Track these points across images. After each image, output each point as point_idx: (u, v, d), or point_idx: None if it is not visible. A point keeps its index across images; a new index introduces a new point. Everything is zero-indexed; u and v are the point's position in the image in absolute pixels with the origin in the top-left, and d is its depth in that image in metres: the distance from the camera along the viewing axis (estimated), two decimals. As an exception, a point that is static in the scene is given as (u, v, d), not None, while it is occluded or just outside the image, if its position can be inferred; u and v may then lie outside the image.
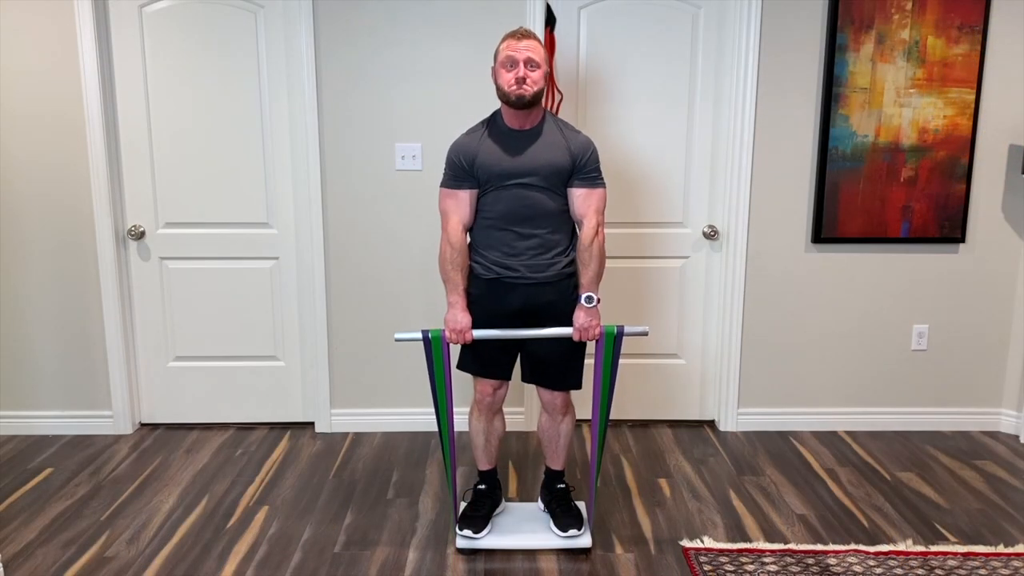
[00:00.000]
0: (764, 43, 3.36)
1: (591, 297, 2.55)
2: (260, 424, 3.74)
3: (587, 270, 2.58)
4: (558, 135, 2.58)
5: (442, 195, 2.62)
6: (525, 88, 2.47)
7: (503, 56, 2.51)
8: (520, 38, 2.51)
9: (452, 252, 2.57)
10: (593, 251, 2.56)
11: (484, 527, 2.72)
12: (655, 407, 3.75)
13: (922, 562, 2.60)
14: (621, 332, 2.55)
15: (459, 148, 2.59)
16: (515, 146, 2.56)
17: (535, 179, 2.54)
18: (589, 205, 2.58)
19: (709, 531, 2.82)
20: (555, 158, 2.55)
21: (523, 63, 2.48)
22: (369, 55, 3.37)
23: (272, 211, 3.54)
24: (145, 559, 2.64)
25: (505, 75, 2.49)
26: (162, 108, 3.43)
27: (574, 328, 2.56)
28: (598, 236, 2.57)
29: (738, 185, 3.47)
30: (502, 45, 2.53)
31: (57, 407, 3.63)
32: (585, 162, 2.56)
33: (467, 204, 2.59)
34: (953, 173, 3.46)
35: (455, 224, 2.59)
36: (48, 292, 3.52)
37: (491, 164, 2.55)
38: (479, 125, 2.64)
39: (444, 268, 2.59)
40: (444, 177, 2.62)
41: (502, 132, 2.58)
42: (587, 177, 2.58)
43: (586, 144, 2.58)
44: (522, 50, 2.48)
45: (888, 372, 3.67)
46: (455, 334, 2.57)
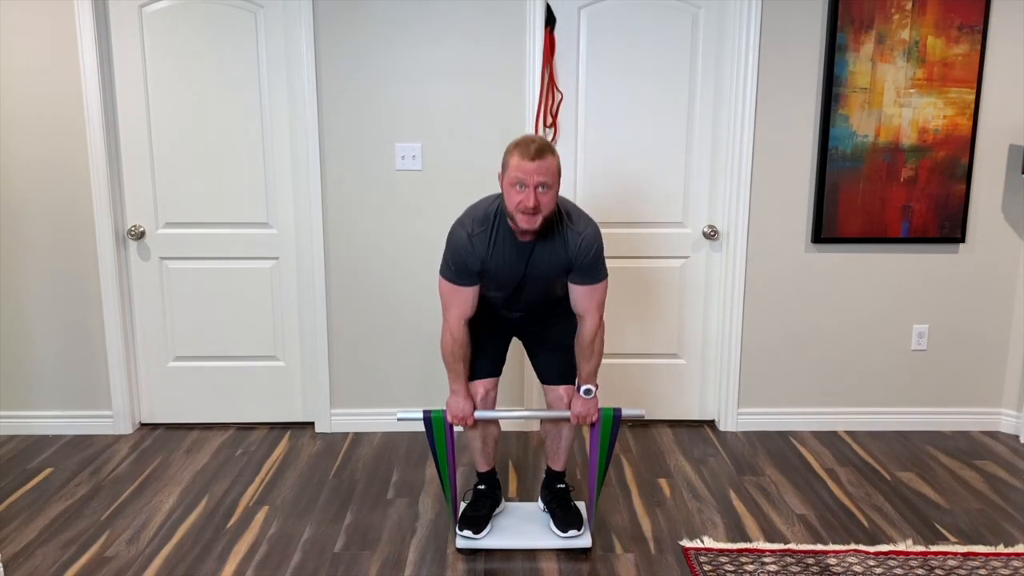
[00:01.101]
0: (764, 43, 3.36)
1: (590, 390, 2.58)
2: (260, 424, 3.74)
3: (587, 364, 2.58)
4: (559, 242, 2.45)
5: (443, 286, 2.52)
6: (535, 218, 2.33)
7: (512, 175, 2.32)
8: (533, 158, 2.30)
9: (454, 344, 2.54)
10: (595, 347, 2.57)
11: (484, 527, 2.72)
12: (655, 407, 3.75)
13: (922, 562, 2.60)
14: (619, 416, 2.60)
15: (466, 253, 2.44)
16: (518, 259, 2.47)
17: (534, 287, 2.53)
18: (591, 301, 2.53)
19: (709, 531, 2.82)
20: (557, 270, 2.49)
21: (534, 188, 2.30)
22: (369, 55, 3.37)
23: (272, 211, 3.54)
24: (145, 559, 2.64)
25: (514, 197, 2.33)
26: (162, 108, 3.43)
27: (571, 414, 2.60)
28: (599, 331, 2.56)
29: (738, 185, 3.47)
30: (511, 160, 2.34)
31: (57, 407, 3.63)
32: (586, 265, 2.47)
33: (470, 300, 2.52)
34: (953, 173, 3.46)
35: (457, 317, 2.52)
36: (48, 292, 3.52)
37: (495, 274, 2.49)
38: (483, 220, 2.45)
39: (446, 358, 2.57)
40: (446, 269, 2.50)
41: (507, 241, 2.45)
42: (588, 274, 2.49)
43: (588, 246, 2.45)
44: (533, 174, 2.29)
45: (888, 372, 3.67)
46: (457, 420, 2.59)
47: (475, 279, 2.49)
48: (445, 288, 2.52)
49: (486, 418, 2.66)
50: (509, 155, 2.36)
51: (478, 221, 2.46)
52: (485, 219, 2.45)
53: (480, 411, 2.62)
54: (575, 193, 3.52)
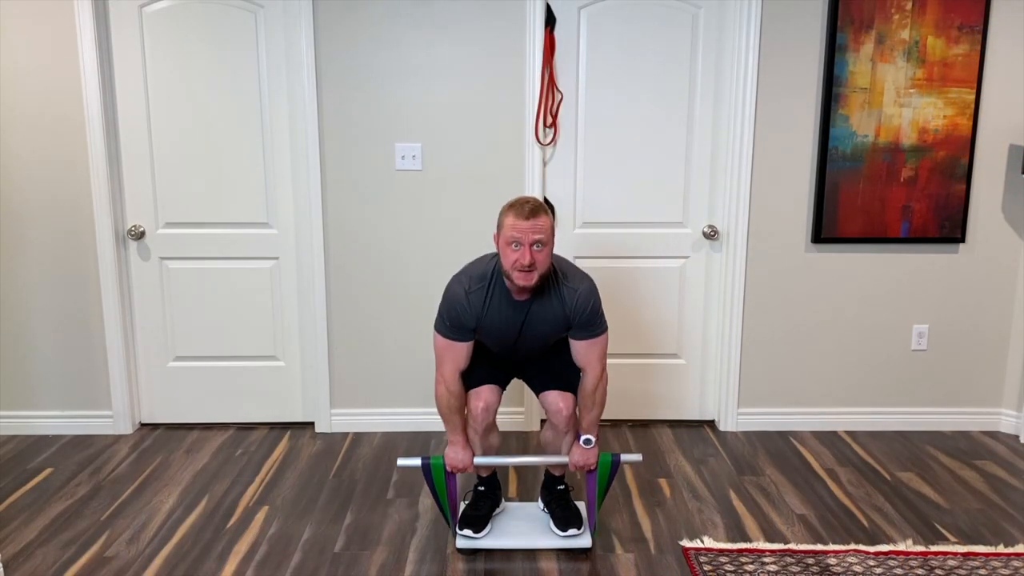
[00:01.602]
0: (764, 43, 3.36)
1: (589, 440, 2.59)
2: (260, 424, 3.74)
3: (589, 414, 2.59)
4: (556, 302, 2.48)
5: (438, 341, 2.53)
6: (531, 275, 2.36)
7: (507, 234, 2.36)
8: (527, 217, 2.34)
9: (449, 397, 2.55)
10: (597, 397, 2.58)
11: (484, 527, 2.72)
12: (655, 407, 3.75)
13: (922, 562, 2.60)
14: (617, 462, 2.63)
15: (462, 310, 2.47)
16: (514, 319, 2.49)
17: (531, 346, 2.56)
18: (592, 355, 2.55)
19: (709, 531, 2.82)
20: (551, 331, 2.52)
21: (530, 246, 2.33)
22: (369, 55, 3.37)
23: (272, 211, 3.54)
24: (145, 559, 2.64)
25: (510, 255, 2.36)
26: (162, 108, 3.43)
27: (570, 463, 2.62)
28: (602, 382, 2.57)
29: (738, 185, 3.47)
30: (506, 220, 2.37)
31: (57, 407, 3.63)
32: (584, 321, 2.49)
33: (464, 355, 2.54)
34: (953, 173, 3.46)
35: (451, 371, 2.54)
36: (48, 292, 3.52)
37: (490, 336, 2.53)
38: (480, 278, 2.48)
39: (442, 411, 2.59)
40: (441, 324, 2.51)
41: (503, 300, 2.48)
42: (588, 329, 2.51)
43: (584, 302, 2.47)
44: (528, 233, 2.33)
45: (888, 372, 3.67)
46: (456, 470, 2.61)
47: (470, 335, 2.51)
48: (440, 344, 2.53)
49: (485, 464, 2.68)
50: (504, 215, 2.40)
51: (475, 279, 2.49)
52: (483, 277, 2.49)
53: (479, 458, 2.64)
54: (575, 193, 3.52)
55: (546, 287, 2.47)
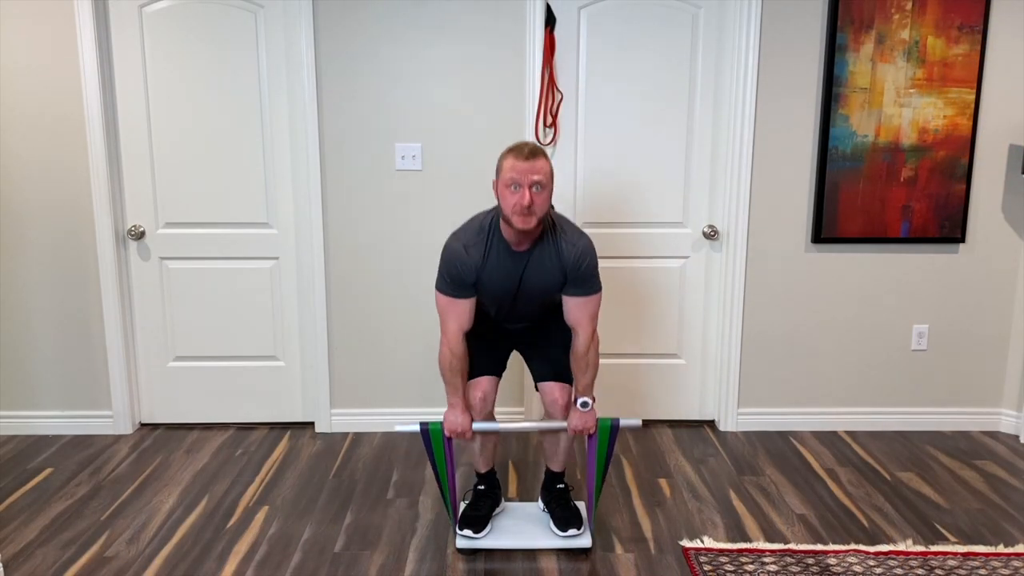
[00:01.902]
0: (764, 43, 3.36)
1: (587, 403, 2.58)
2: (260, 424, 3.74)
3: (583, 376, 2.58)
4: (552, 253, 2.48)
5: (440, 300, 2.54)
6: (530, 218, 2.36)
7: (506, 176, 2.37)
8: (526, 158, 2.36)
9: (452, 358, 2.55)
10: (590, 359, 2.57)
11: (484, 527, 2.72)
12: (655, 407, 3.75)
13: (922, 562, 2.60)
14: (616, 427, 2.61)
15: (460, 265, 2.48)
16: (513, 270, 2.49)
17: (529, 300, 2.55)
18: (584, 313, 2.54)
19: (709, 531, 2.82)
20: (549, 283, 2.51)
21: (528, 188, 2.34)
22: (369, 55, 3.37)
23: (272, 211, 3.54)
24: (145, 559, 2.64)
25: (509, 198, 2.36)
26: (162, 108, 3.43)
27: (568, 427, 2.61)
28: (594, 343, 2.57)
29: (738, 185, 3.47)
30: (505, 163, 2.39)
31: (57, 407, 3.63)
32: (580, 274, 2.49)
33: (467, 313, 2.54)
34: (953, 173, 3.46)
35: (455, 331, 2.53)
36: (48, 292, 3.52)
37: (490, 289, 2.52)
38: (478, 232, 2.50)
39: (444, 372, 2.58)
40: (442, 282, 2.52)
41: (501, 252, 2.48)
42: (582, 286, 2.51)
43: (581, 256, 2.48)
44: (528, 174, 2.34)
45: (888, 372, 3.67)
46: (455, 434, 2.60)
47: (471, 291, 2.51)
48: (442, 302, 2.54)
49: (484, 430, 2.67)
50: (503, 159, 2.42)
51: (473, 233, 2.50)
52: (480, 231, 2.50)
53: (478, 423, 2.63)
54: (575, 193, 3.52)
55: (545, 238, 2.48)
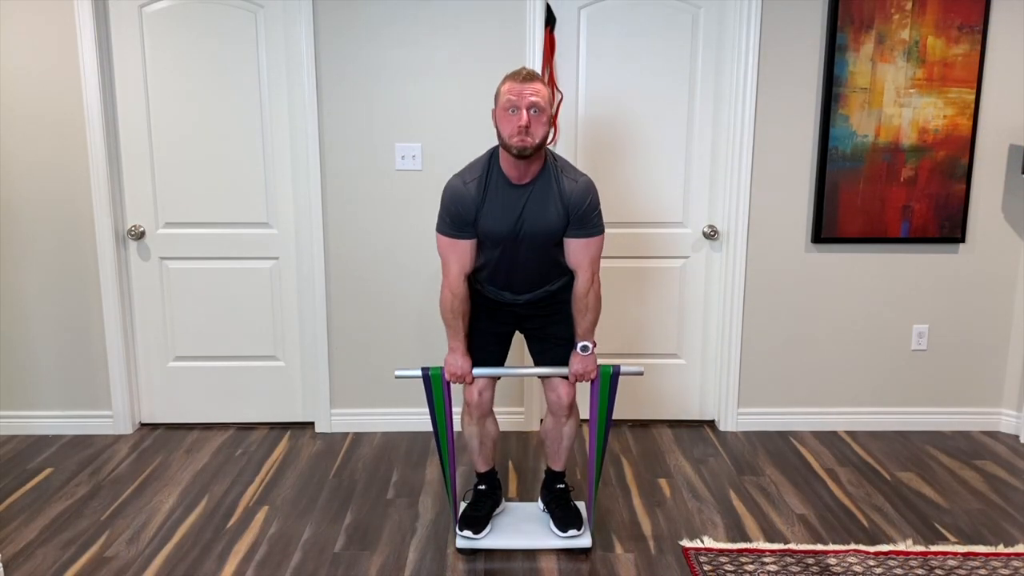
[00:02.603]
0: (764, 43, 3.36)
1: (587, 346, 2.57)
2: (260, 424, 3.74)
3: (583, 320, 2.57)
4: (554, 189, 2.45)
5: (441, 242, 2.52)
6: (527, 139, 2.33)
7: (504, 100, 2.35)
8: (523, 81, 2.35)
9: (454, 300, 2.53)
10: (589, 302, 2.55)
11: (484, 527, 2.72)
12: (655, 407, 3.75)
13: (922, 562, 2.60)
14: (617, 373, 2.59)
15: (460, 201, 2.45)
16: (514, 206, 2.46)
17: (531, 243, 2.50)
18: (585, 255, 2.51)
19: (709, 531, 2.82)
20: (552, 220, 2.47)
21: (526, 109, 2.32)
22: (369, 55, 3.37)
23: (272, 211, 3.54)
24: (145, 559, 2.64)
25: (507, 121, 2.35)
26: (162, 108, 3.43)
27: (569, 373, 2.59)
28: (594, 286, 2.54)
29: (738, 185, 3.47)
30: (503, 87, 2.38)
31: (57, 407, 3.63)
32: (582, 214, 2.46)
33: (468, 253, 2.51)
34: (953, 173, 3.46)
35: (456, 273, 2.52)
36: (48, 292, 3.52)
37: (490, 225, 2.47)
38: (478, 168, 2.48)
39: (445, 315, 2.56)
40: (442, 223, 2.50)
41: (502, 187, 2.45)
42: (584, 227, 2.48)
43: (583, 195, 2.45)
44: (525, 95, 2.32)
45: (888, 372, 3.67)
46: (455, 377, 2.59)
47: (471, 230, 2.49)
48: (443, 243, 2.52)
49: (485, 375, 2.62)
50: (500, 85, 2.41)
51: (472, 170, 2.50)
52: (479, 167, 2.49)
53: (478, 368, 2.60)
54: (575, 193, 3.52)
55: (545, 174, 2.46)
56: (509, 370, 2.68)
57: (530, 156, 2.37)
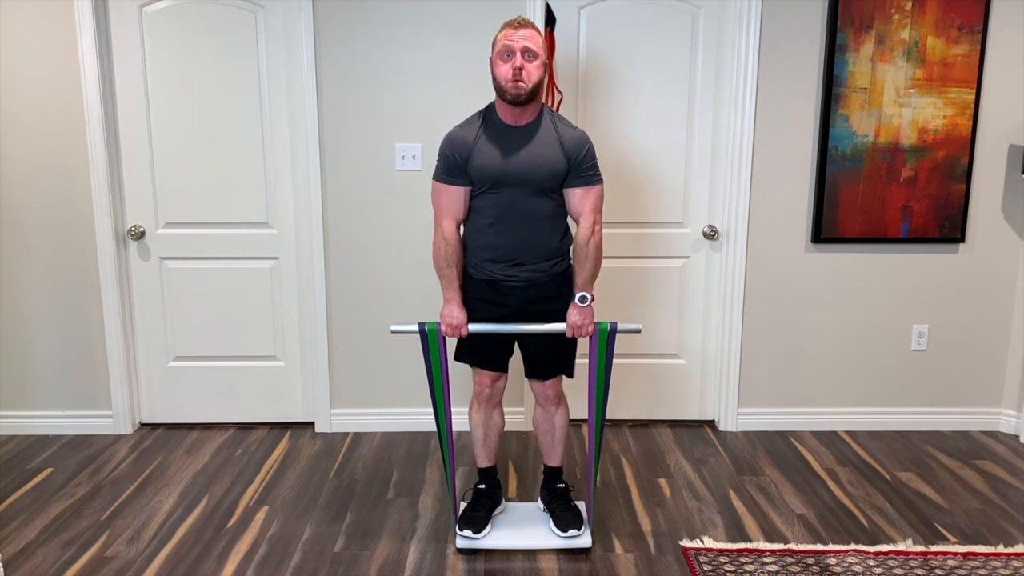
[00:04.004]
0: (764, 43, 3.36)
1: (585, 297, 2.55)
2: (260, 424, 3.74)
3: (583, 269, 2.56)
4: (552, 133, 2.50)
5: (435, 189, 2.57)
6: (522, 84, 2.39)
7: (500, 46, 2.43)
8: (518, 27, 2.42)
9: (446, 247, 2.55)
10: (589, 250, 2.54)
11: (484, 527, 2.72)
12: (655, 407, 3.75)
13: (922, 562, 2.60)
14: (614, 329, 2.56)
15: (454, 143, 2.52)
16: (509, 147, 2.49)
17: (530, 186, 2.50)
18: (585, 204, 2.53)
19: (709, 531, 2.82)
20: (550, 162, 2.48)
21: (520, 53, 2.40)
22: (369, 55, 3.37)
23: (272, 211, 3.54)
24: (145, 559, 2.64)
25: (502, 66, 2.42)
26: (162, 108, 3.43)
27: (567, 325, 2.57)
28: (595, 235, 2.54)
29: (738, 185, 3.47)
30: (499, 35, 2.45)
31: (57, 407, 3.63)
32: (581, 160, 2.50)
33: (461, 200, 2.55)
34: (953, 173, 3.46)
35: (449, 220, 2.55)
36: (48, 292, 3.53)
37: (485, 166, 2.49)
38: (475, 117, 2.56)
39: (438, 263, 2.57)
40: (437, 170, 2.56)
41: (497, 129, 2.50)
42: (584, 175, 2.52)
43: (581, 141, 2.51)
44: (520, 39, 2.40)
45: (888, 372, 3.67)
46: (451, 328, 2.57)
47: (465, 177, 2.52)
48: (436, 190, 2.57)
49: (481, 331, 2.59)
50: (497, 33, 2.48)
51: (469, 119, 2.58)
52: (476, 116, 2.57)
53: (474, 324, 2.58)
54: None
55: (542, 119, 2.52)
56: (506, 327, 2.59)
57: (525, 102, 2.44)
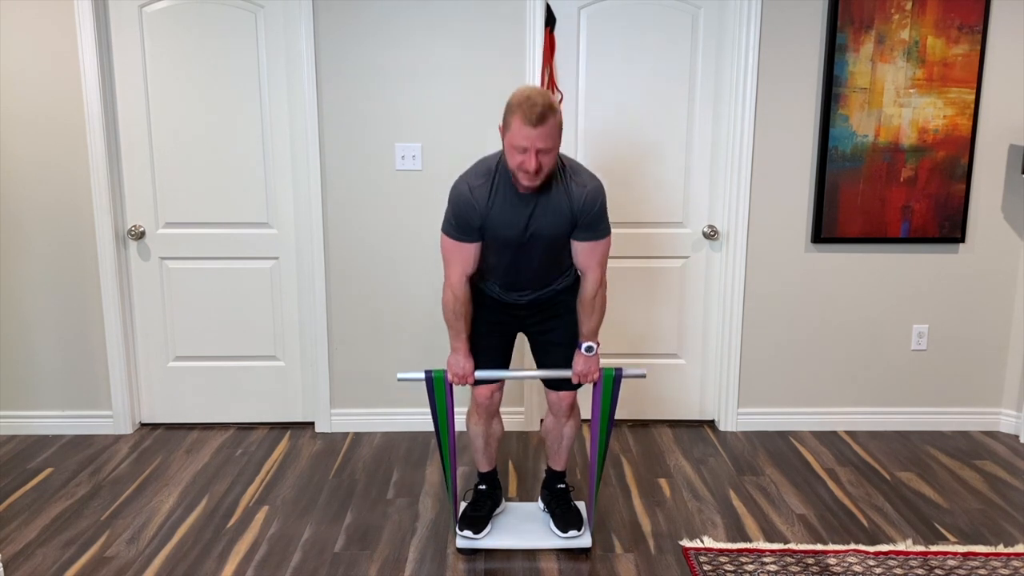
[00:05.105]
0: (764, 43, 3.36)
1: (591, 347, 2.56)
2: (260, 424, 3.74)
3: (589, 320, 2.56)
4: (563, 196, 2.41)
5: (445, 243, 2.49)
6: (535, 180, 2.31)
7: (514, 138, 2.27)
8: (535, 124, 2.23)
9: (456, 302, 2.52)
10: (596, 304, 2.54)
11: (484, 527, 2.72)
12: (655, 407, 3.75)
13: (922, 562, 2.60)
14: (620, 375, 2.57)
15: (466, 206, 2.41)
16: (521, 211, 2.42)
17: (539, 245, 2.48)
18: (593, 258, 2.50)
19: (709, 531, 2.82)
20: (561, 224, 2.44)
21: (535, 152, 2.27)
22: (369, 55, 3.37)
23: (272, 211, 3.54)
24: (145, 559, 2.64)
25: (515, 157, 2.29)
26: (162, 108, 3.43)
27: (573, 373, 2.59)
28: (601, 288, 2.54)
29: (738, 185, 3.47)
30: (513, 122, 2.27)
31: (57, 407, 3.63)
32: (590, 219, 2.44)
33: (471, 256, 2.49)
34: (953, 173, 3.46)
35: (459, 275, 2.50)
36: (48, 292, 3.53)
37: (497, 229, 2.44)
38: (485, 172, 2.44)
39: (447, 316, 2.55)
40: (447, 225, 2.47)
41: (509, 193, 2.41)
42: (592, 231, 2.46)
43: (592, 199, 2.42)
44: (535, 140, 2.25)
45: (888, 372, 3.67)
46: (457, 378, 2.58)
47: (476, 235, 2.46)
48: (447, 245, 2.50)
49: (487, 378, 2.62)
50: (511, 114, 2.29)
51: (479, 175, 2.44)
52: (487, 173, 2.44)
53: (480, 371, 2.59)
54: (575, 193, 3.52)
55: (553, 181, 2.41)
56: (512, 373, 2.66)
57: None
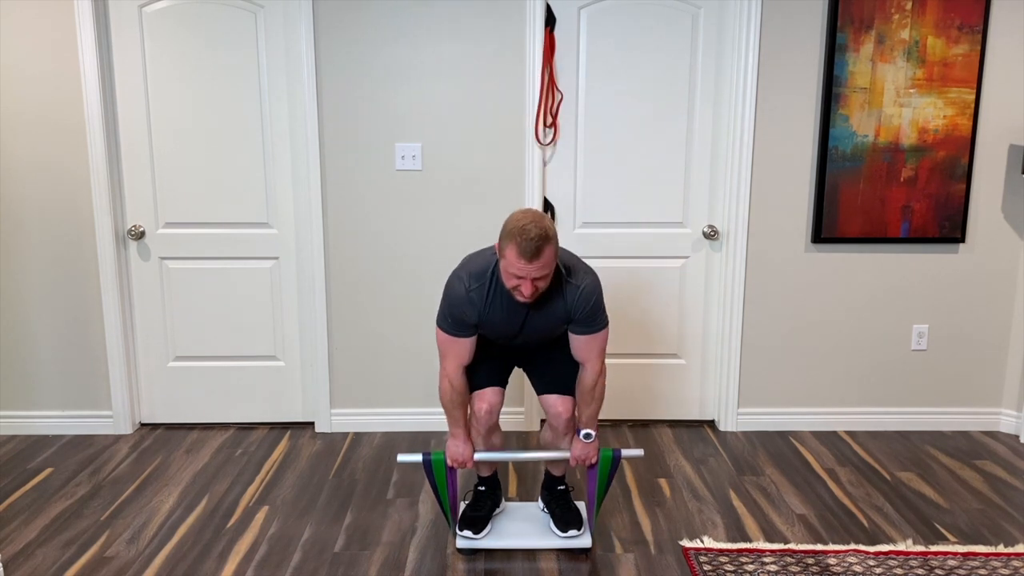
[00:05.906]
0: (764, 43, 3.36)
1: (590, 434, 2.58)
2: (260, 424, 3.74)
3: (587, 408, 2.57)
4: (558, 298, 2.43)
5: (441, 337, 2.51)
6: (531, 300, 2.34)
7: (510, 266, 2.28)
8: (530, 259, 2.23)
9: (453, 392, 2.54)
10: (596, 393, 2.56)
11: (484, 527, 2.72)
12: (655, 407, 3.75)
13: (922, 562, 2.60)
14: (618, 457, 2.61)
15: (461, 306, 2.44)
16: (517, 314, 2.46)
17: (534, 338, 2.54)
18: (592, 350, 2.52)
19: (709, 531, 2.82)
20: (554, 324, 2.49)
21: (531, 280, 2.28)
22: (369, 55, 3.37)
23: (272, 211, 3.54)
24: (145, 559, 2.64)
25: (511, 280, 2.31)
26: (162, 108, 3.43)
27: (571, 456, 2.61)
28: (601, 377, 2.55)
29: (738, 185, 3.47)
30: (508, 252, 2.26)
31: (57, 407, 3.63)
32: (585, 315, 2.45)
33: (467, 350, 2.52)
34: (953, 173, 3.46)
35: (455, 366, 2.52)
36: (48, 292, 3.53)
37: (492, 331, 2.51)
38: (480, 275, 2.44)
39: (445, 405, 2.58)
40: (443, 320, 2.49)
41: (505, 300, 2.43)
42: (588, 324, 2.48)
43: (587, 298, 2.43)
44: (531, 272, 2.26)
45: (888, 372, 3.67)
46: (457, 463, 2.60)
47: (472, 331, 2.50)
48: (442, 339, 2.52)
49: (485, 459, 2.68)
50: (506, 243, 2.28)
51: (475, 277, 2.45)
52: (482, 275, 2.44)
53: (479, 453, 2.64)
54: (575, 193, 3.52)
55: (553, 285, 2.43)
56: (510, 455, 2.72)
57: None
